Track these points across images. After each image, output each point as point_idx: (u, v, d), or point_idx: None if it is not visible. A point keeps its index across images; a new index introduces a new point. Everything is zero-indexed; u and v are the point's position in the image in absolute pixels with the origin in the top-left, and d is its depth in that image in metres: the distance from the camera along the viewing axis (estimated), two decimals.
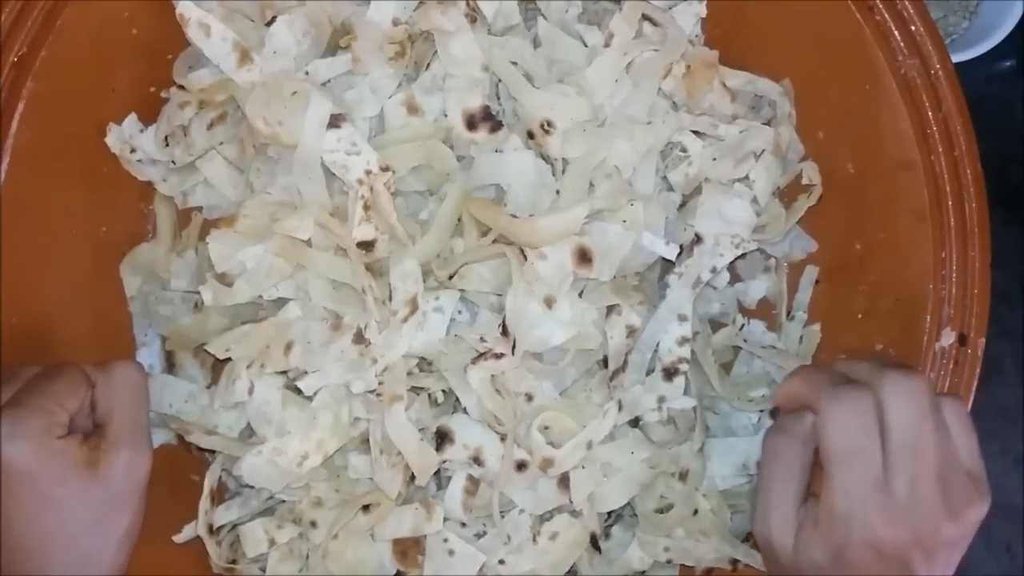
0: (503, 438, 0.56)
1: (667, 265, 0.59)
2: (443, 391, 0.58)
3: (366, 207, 0.55)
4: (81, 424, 0.54)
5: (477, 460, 0.56)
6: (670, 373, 0.57)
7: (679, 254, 0.58)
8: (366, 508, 0.58)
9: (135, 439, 0.53)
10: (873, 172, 0.61)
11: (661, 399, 0.57)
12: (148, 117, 0.62)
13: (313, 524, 0.58)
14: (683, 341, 0.58)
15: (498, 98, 0.60)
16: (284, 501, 0.60)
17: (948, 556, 0.49)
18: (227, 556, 0.60)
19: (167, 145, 0.61)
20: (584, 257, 0.55)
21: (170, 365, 0.64)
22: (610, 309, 0.57)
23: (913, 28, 0.59)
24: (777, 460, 0.52)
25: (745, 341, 0.63)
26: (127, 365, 0.55)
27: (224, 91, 0.59)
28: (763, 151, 0.60)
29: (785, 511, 0.51)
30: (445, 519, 0.57)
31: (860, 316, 0.62)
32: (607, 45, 0.59)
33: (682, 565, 0.61)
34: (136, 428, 0.54)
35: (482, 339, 0.56)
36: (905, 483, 0.47)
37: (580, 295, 0.57)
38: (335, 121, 0.56)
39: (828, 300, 0.63)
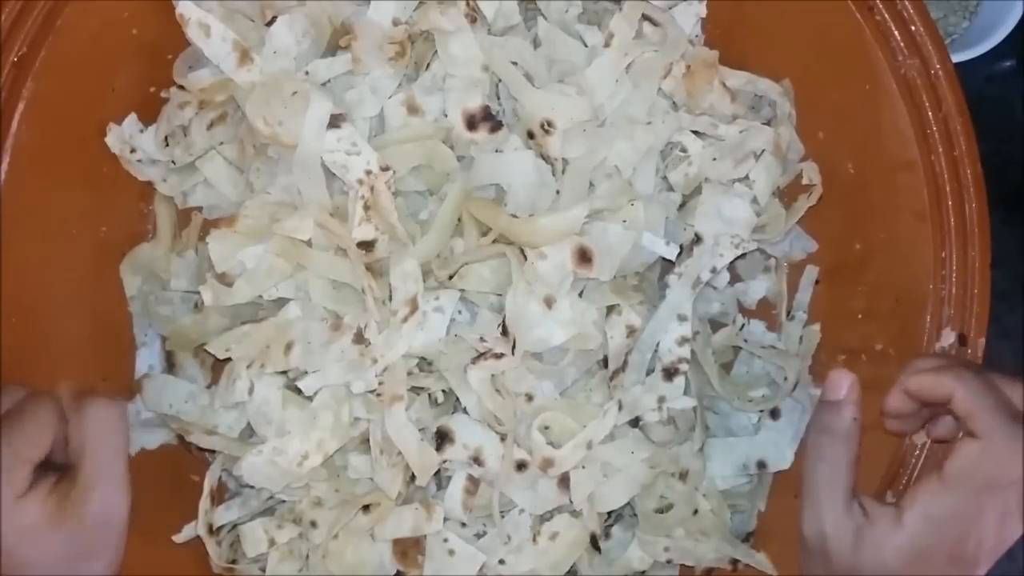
0: (503, 438, 0.56)
1: (667, 265, 0.59)
2: (443, 391, 0.58)
3: (366, 207, 0.55)
4: (57, 457, 0.52)
5: (477, 460, 0.56)
6: (670, 373, 0.57)
7: (679, 254, 0.58)
8: (366, 508, 0.58)
9: (110, 480, 0.52)
10: (873, 172, 0.61)
11: (661, 399, 0.57)
12: (148, 117, 0.62)
13: (313, 524, 0.58)
14: (683, 341, 0.58)
15: (498, 98, 0.60)
16: (284, 501, 0.60)
17: None
18: (227, 556, 0.60)
19: (167, 145, 0.61)
20: (584, 257, 0.55)
21: (170, 365, 0.64)
22: (610, 309, 0.57)
23: (913, 28, 0.59)
24: (824, 459, 0.52)
25: (745, 341, 0.63)
26: (102, 403, 0.54)
27: (224, 91, 0.59)
28: (763, 151, 0.60)
29: (839, 511, 0.52)
30: (445, 519, 0.57)
31: (860, 316, 0.62)
32: (607, 45, 0.59)
33: (682, 565, 0.61)
34: (111, 468, 0.52)
35: (482, 339, 0.56)
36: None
37: (580, 295, 0.57)
38: (335, 121, 0.56)
39: (828, 300, 0.63)
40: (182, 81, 0.60)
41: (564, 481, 0.57)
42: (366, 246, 0.56)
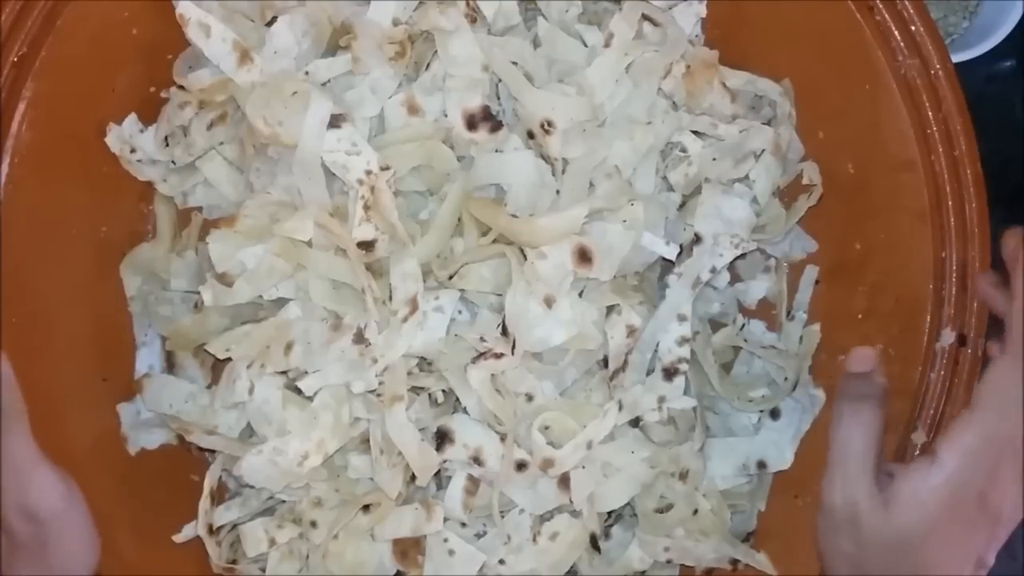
0: (503, 438, 0.56)
1: (667, 265, 0.59)
2: (443, 391, 0.58)
3: (366, 207, 0.55)
4: None
5: (477, 460, 0.56)
6: (670, 373, 0.57)
7: (679, 254, 0.58)
8: (366, 508, 0.58)
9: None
10: (873, 172, 0.61)
11: (661, 399, 0.57)
12: (148, 117, 0.62)
13: (313, 524, 0.58)
14: (683, 341, 0.58)
15: (498, 98, 0.60)
16: (284, 501, 0.60)
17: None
18: (227, 556, 0.60)
19: (167, 145, 0.61)
20: (584, 257, 0.55)
21: (170, 365, 0.64)
22: (610, 309, 0.57)
23: (913, 28, 0.59)
24: (860, 425, 0.52)
25: (745, 341, 0.63)
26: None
27: (224, 91, 0.59)
28: (763, 151, 0.60)
29: (871, 476, 0.51)
30: (445, 519, 0.57)
31: (860, 316, 0.62)
32: (607, 45, 0.59)
33: (682, 565, 0.61)
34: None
35: (482, 339, 0.56)
36: None
37: (580, 295, 0.57)
38: (335, 121, 0.56)
39: (828, 300, 0.63)
40: (182, 81, 0.60)
41: (564, 481, 0.57)
42: (366, 246, 0.56)
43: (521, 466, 0.56)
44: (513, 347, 0.55)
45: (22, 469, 0.50)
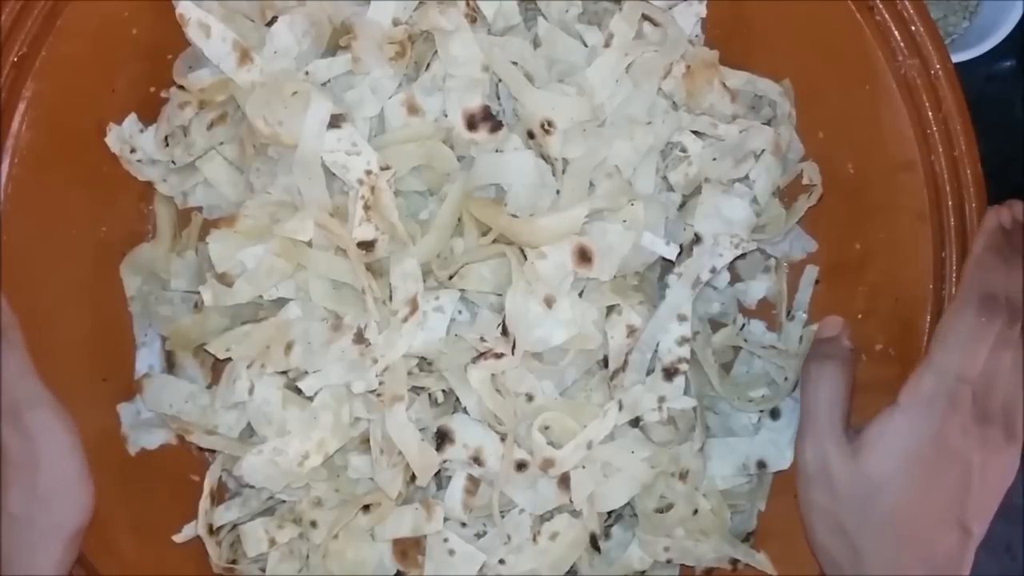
0: (503, 438, 0.56)
1: (667, 265, 0.59)
2: (443, 391, 0.58)
3: (366, 207, 0.55)
4: None
5: (477, 460, 0.56)
6: (670, 373, 0.57)
7: (679, 254, 0.58)
8: (366, 508, 0.58)
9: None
10: (873, 172, 0.61)
11: (661, 399, 0.57)
12: (148, 117, 0.62)
13: (313, 524, 0.58)
14: (683, 341, 0.58)
15: (498, 98, 0.60)
16: (284, 501, 0.60)
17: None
18: (227, 556, 0.60)
19: (167, 145, 0.61)
20: (584, 257, 0.55)
21: (170, 365, 0.64)
22: (610, 309, 0.57)
23: (913, 28, 0.59)
24: (825, 383, 0.55)
25: (745, 341, 0.63)
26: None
27: (224, 91, 0.59)
28: (763, 151, 0.60)
29: (839, 431, 0.54)
30: (445, 519, 0.57)
31: (860, 316, 0.62)
32: (607, 45, 0.59)
33: (682, 565, 0.61)
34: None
35: (482, 339, 0.56)
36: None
37: (580, 295, 0.57)
38: (335, 121, 0.56)
39: (828, 300, 0.63)
40: (182, 81, 0.60)
41: (564, 481, 0.57)
42: (366, 246, 0.56)
43: (521, 466, 0.56)
44: (513, 347, 0.55)
45: (15, 381, 0.51)
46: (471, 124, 0.57)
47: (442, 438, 0.56)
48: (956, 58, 0.64)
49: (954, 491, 0.51)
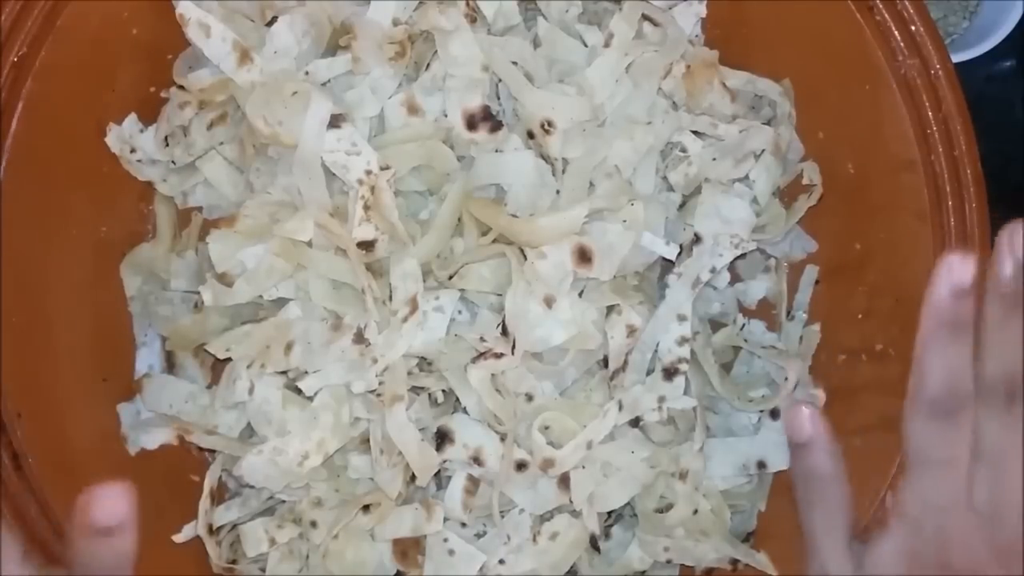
0: (503, 438, 0.56)
1: (667, 265, 0.59)
2: (443, 391, 0.58)
3: (366, 207, 0.55)
4: None
5: (477, 460, 0.56)
6: (670, 373, 0.57)
7: (679, 254, 0.58)
8: (366, 508, 0.58)
9: None
10: (873, 172, 0.61)
11: (661, 399, 0.57)
12: (148, 117, 0.62)
13: (313, 524, 0.58)
14: (683, 341, 0.58)
15: (498, 98, 0.60)
16: (284, 501, 0.60)
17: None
18: (227, 556, 0.60)
19: (167, 145, 0.61)
20: (584, 256, 0.55)
21: (170, 365, 0.64)
22: (610, 309, 0.57)
23: (913, 28, 0.59)
24: (816, 505, 0.48)
25: (745, 341, 0.63)
26: None
27: (224, 91, 0.59)
28: (763, 151, 0.60)
29: (841, 552, 0.47)
30: (445, 519, 0.57)
31: (860, 316, 0.62)
32: (607, 45, 0.59)
33: (682, 565, 0.61)
34: None
35: (482, 339, 0.56)
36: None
37: (580, 295, 0.57)
38: (335, 121, 0.56)
39: (828, 300, 0.63)
40: (182, 81, 0.60)
41: (564, 481, 0.57)
42: (366, 246, 0.56)
43: (521, 466, 0.56)
44: (513, 347, 0.55)
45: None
46: (471, 124, 0.57)
47: (442, 438, 0.56)
48: (956, 58, 0.64)
49: None
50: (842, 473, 0.47)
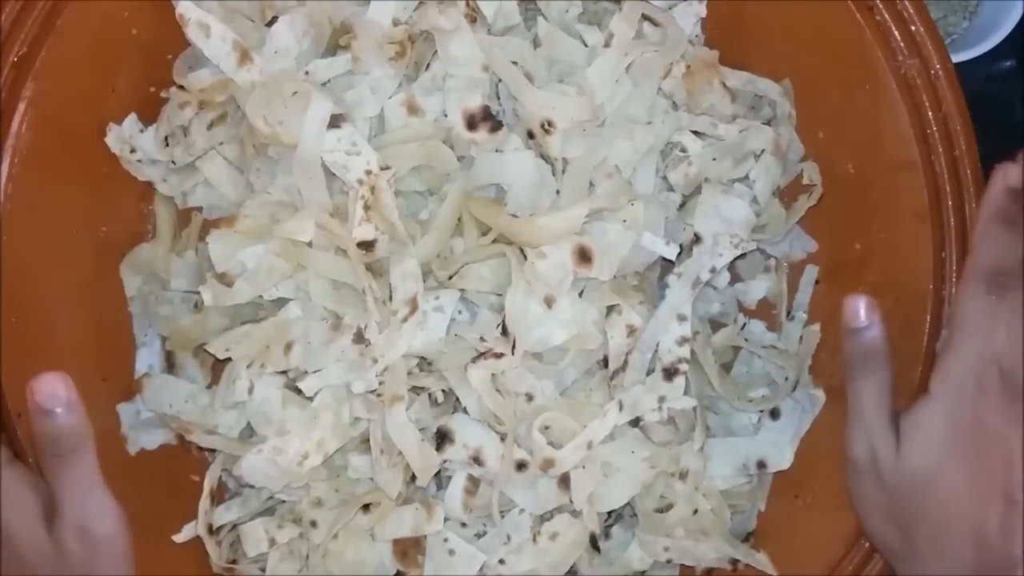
0: (503, 438, 0.56)
1: (667, 265, 0.59)
2: (443, 391, 0.58)
3: (366, 207, 0.55)
4: None
5: (477, 460, 0.56)
6: (670, 373, 0.57)
7: (679, 254, 0.58)
8: (366, 508, 0.58)
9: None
10: (873, 172, 0.61)
11: (661, 399, 0.57)
12: (148, 117, 0.62)
13: (313, 524, 0.58)
14: (683, 341, 0.58)
15: (498, 98, 0.60)
16: (284, 501, 0.60)
17: None
18: (227, 556, 0.60)
19: (167, 145, 0.61)
20: (584, 256, 0.55)
21: (170, 365, 0.64)
22: (610, 309, 0.57)
23: (913, 28, 0.59)
24: (868, 382, 0.54)
25: (746, 341, 0.63)
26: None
27: (224, 91, 0.59)
28: (763, 151, 0.60)
29: (885, 423, 0.54)
30: (445, 519, 0.57)
31: None
32: (607, 45, 0.59)
33: (682, 565, 0.61)
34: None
35: (482, 339, 0.56)
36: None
37: (580, 295, 0.57)
38: (335, 121, 0.56)
39: (828, 300, 0.63)
40: (182, 81, 0.60)
41: (564, 481, 0.57)
42: (366, 246, 0.56)
43: (521, 466, 0.56)
44: (513, 347, 0.55)
45: (85, 490, 0.52)
46: (471, 124, 0.57)
47: (442, 438, 0.56)
48: (956, 58, 0.64)
49: (996, 469, 0.51)
50: (890, 355, 0.54)
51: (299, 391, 0.57)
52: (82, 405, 0.51)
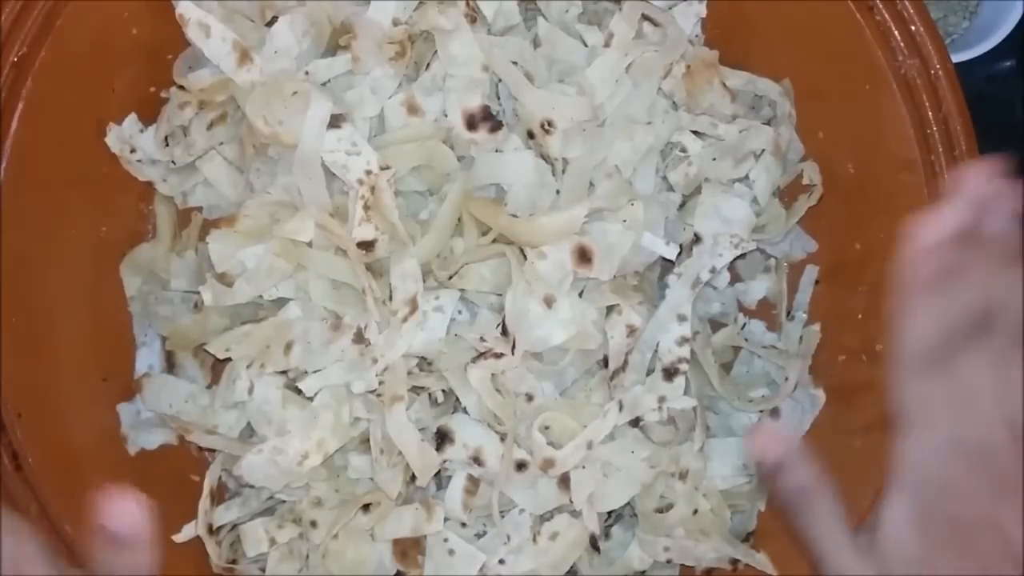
0: (503, 438, 0.56)
1: (667, 265, 0.59)
2: (443, 391, 0.58)
3: (366, 207, 0.55)
4: None
5: (477, 460, 0.56)
6: (670, 373, 0.57)
7: (679, 254, 0.58)
8: (366, 508, 0.58)
9: None
10: (873, 172, 0.61)
11: (661, 399, 0.57)
12: (148, 117, 0.62)
13: (313, 524, 0.58)
14: (683, 341, 0.58)
15: (498, 98, 0.60)
16: (284, 501, 0.60)
17: None
18: (227, 556, 0.60)
19: (167, 145, 0.61)
20: (584, 256, 0.55)
21: (170, 365, 0.64)
22: (610, 309, 0.57)
23: (913, 28, 0.59)
24: (810, 518, 0.46)
25: (746, 341, 0.63)
26: None
27: (224, 91, 0.59)
28: (763, 151, 0.60)
29: (849, 549, 0.46)
30: (445, 519, 0.57)
31: (860, 316, 0.61)
32: (607, 45, 0.59)
33: (682, 565, 0.61)
34: None
35: (482, 339, 0.56)
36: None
37: (580, 295, 0.57)
38: (335, 121, 0.56)
39: (828, 300, 0.63)
40: (182, 81, 0.60)
41: (564, 481, 0.57)
42: (366, 246, 0.56)
43: (521, 466, 0.56)
44: (513, 347, 0.55)
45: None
46: (471, 124, 0.57)
47: (442, 438, 0.56)
48: (956, 58, 0.64)
49: (990, 558, 0.43)
50: (822, 474, 0.46)
51: (299, 391, 0.57)
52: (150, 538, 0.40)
